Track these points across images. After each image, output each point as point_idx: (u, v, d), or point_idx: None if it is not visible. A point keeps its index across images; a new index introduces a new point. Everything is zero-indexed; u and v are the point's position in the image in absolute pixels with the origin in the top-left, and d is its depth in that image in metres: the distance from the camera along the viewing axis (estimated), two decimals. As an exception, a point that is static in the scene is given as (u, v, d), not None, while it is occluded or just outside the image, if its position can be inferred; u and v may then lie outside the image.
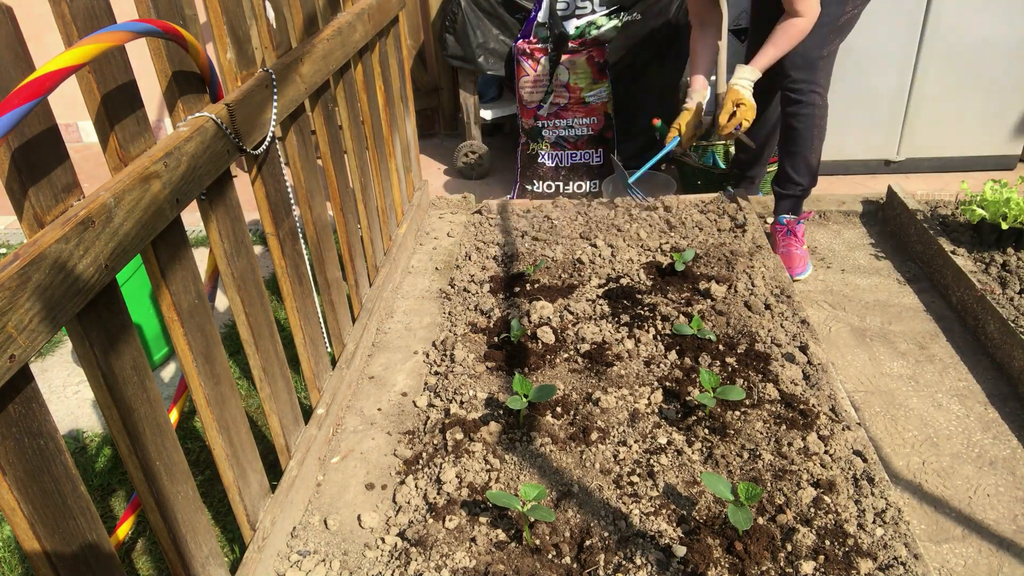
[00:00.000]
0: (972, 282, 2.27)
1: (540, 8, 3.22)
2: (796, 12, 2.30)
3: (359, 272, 2.31)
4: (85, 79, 1.09)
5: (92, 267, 1.01)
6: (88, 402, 2.28)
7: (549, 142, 3.32)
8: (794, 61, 2.43)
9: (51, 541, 0.98)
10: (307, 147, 1.86)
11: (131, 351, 1.15)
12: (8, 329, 0.86)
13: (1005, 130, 3.25)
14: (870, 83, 3.15)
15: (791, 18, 2.32)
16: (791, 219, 2.67)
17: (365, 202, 2.34)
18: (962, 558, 1.60)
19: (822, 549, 1.48)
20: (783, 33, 2.34)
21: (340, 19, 2.06)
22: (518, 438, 1.82)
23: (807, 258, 2.66)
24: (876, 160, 3.39)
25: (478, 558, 1.52)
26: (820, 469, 1.66)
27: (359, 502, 1.75)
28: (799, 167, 2.61)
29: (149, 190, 1.14)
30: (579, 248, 2.62)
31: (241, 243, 1.52)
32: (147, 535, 1.79)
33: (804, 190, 2.67)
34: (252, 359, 1.60)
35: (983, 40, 3.04)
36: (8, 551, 1.76)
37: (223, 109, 1.38)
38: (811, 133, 2.53)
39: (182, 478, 1.30)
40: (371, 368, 2.22)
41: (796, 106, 2.51)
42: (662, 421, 1.83)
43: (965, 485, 1.77)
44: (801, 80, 2.46)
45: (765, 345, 2.06)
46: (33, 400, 0.95)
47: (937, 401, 2.03)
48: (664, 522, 1.56)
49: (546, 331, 2.14)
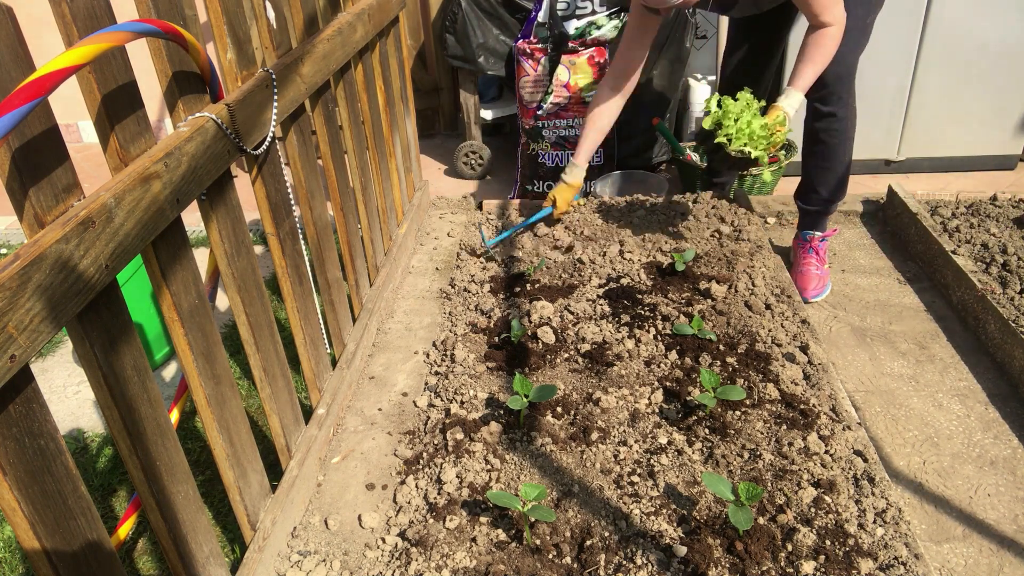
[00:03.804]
0: (973, 282, 2.27)
1: (540, 8, 3.22)
2: (825, 23, 2.11)
3: (359, 272, 2.31)
4: (85, 79, 1.09)
5: (93, 267, 1.01)
6: (89, 402, 2.28)
7: (549, 142, 3.32)
8: (835, 71, 2.24)
9: (52, 541, 0.98)
10: (307, 147, 1.86)
11: (131, 351, 1.15)
12: (9, 329, 0.86)
13: (1005, 130, 3.25)
14: (870, 83, 3.15)
15: (820, 30, 2.12)
16: (814, 236, 2.54)
17: (365, 202, 2.34)
18: (963, 558, 1.60)
19: (823, 549, 1.48)
20: (817, 47, 2.13)
21: (340, 19, 2.06)
22: (518, 438, 1.82)
23: (826, 279, 2.51)
24: (876, 160, 3.39)
25: (479, 558, 1.52)
26: (820, 469, 1.66)
27: (359, 502, 1.75)
28: (829, 182, 2.46)
29: (149, 190, 1.14)
30: (579, 248, 2.62)
31: (241, 243, 1.52)
32: (148, 535, 1.79)
33: (832, 205, 2.52)
34: (252, 359, 1.60)
35: (983, 40, 3.04)
36: (9, 551, 1.76)
37: (223, 109, 1.38)
38: (844, 146, 2.39)
39: (183, 478, 1.30)
40: (372, 368, 2.22)
41: (828, 120, 2.34)
42: (662, 421, 1.83)
43: (966, 485, 1.77)
44: (838, 91, 2.29)
45: (765, 345, 2.06)
46: (34, 400, 0.95)
47: (938, 401, 2.03)
48: (665, 522, 1.56)
49: (546, 331, 2.14)
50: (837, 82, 2.28)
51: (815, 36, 2.14)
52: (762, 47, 2.61)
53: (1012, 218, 2.72)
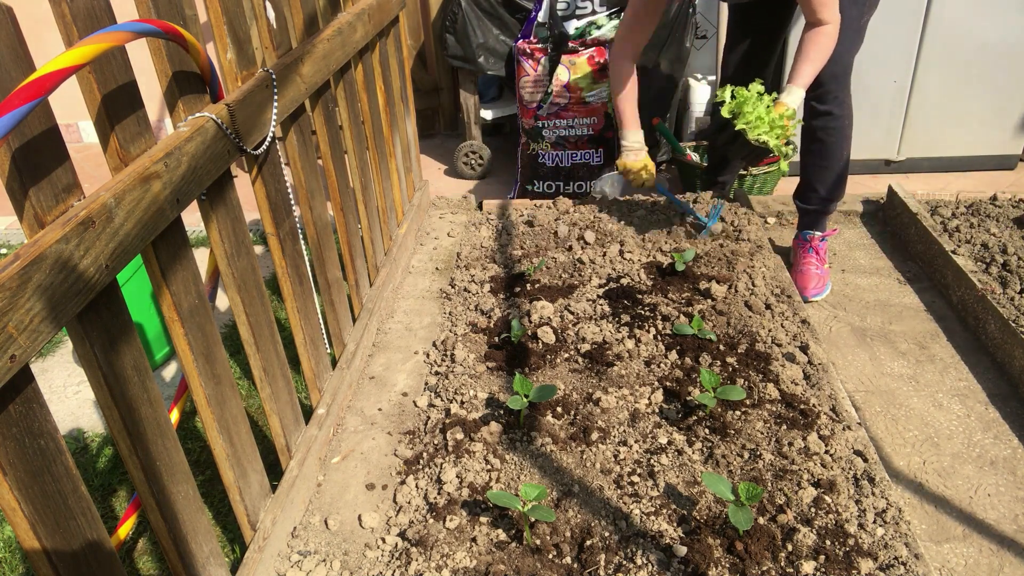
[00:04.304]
0: (973, 282, 2.27)
1: (540, 8, 3.22)
2: (823, 20, 2.14)
3: (359, 272, 2.31)
4: (85, 79, 1.09)
5: (93, 267, 1.01)
6: (89, 402, 2.28)
7: (550, 142, 3.32)
8: (831, 70, 2.26)
9: (52, 541, 0.98)
10: (307, 147, 1.86)
11: (132, 351, 1.15)
12: (9, 329, 0.86)
13: (1005, 130, 3.25)
14: (870, 83, 3.15)
15: (817, 28, 2.15)
16: (814, 235, 2.55)
17: (365, 202, 2.34)
18: (963, 558, 1.60)
19: (823, 549, 1.48)
20: (815, 45, 2.16)
21: (340, 19, 2.06)
22: (518, 438, 1.82)
23: (826, 279, 2.52)
24: (876, 160, 3.39)
25: (479, 558, 1.52)
26: (821, 469, 1.66)
27: (360, 502, 1.75)
28: (827, 180, 2.48)
29: (149, 190, 1.14)
30: (579, 248, 2.62)
31: (241, 243, 1.52)
32: (148, 535, 1.79)
33: (831, 205, 2.54)
34: (252, 359, 1.60)
35: (983, 40, 3.04)
36: (9, 551, 1.76)
37: (223, 109, 1.38)
38: (842, 145, 2.42)
39: (183, 478, 1.30)
40: (372, 368, 2.22)
41: (825, 118, 2.37)
42: (662, 421, 1.83)
43: (966, 485, 1.77)
44: (834, 89, 2.32)
45: (765, 345, 2.06)
46: (34, 400, 0.95)
47: (938, 401, 2.03)
48: (665, 522, 1.56)
49: (546, 331, 2.14)
50: (833, 81, 2.31)
51: (812, 34, 2.17)
52: (761, 45, 2.62)
53: (1012, 218, 2.72)
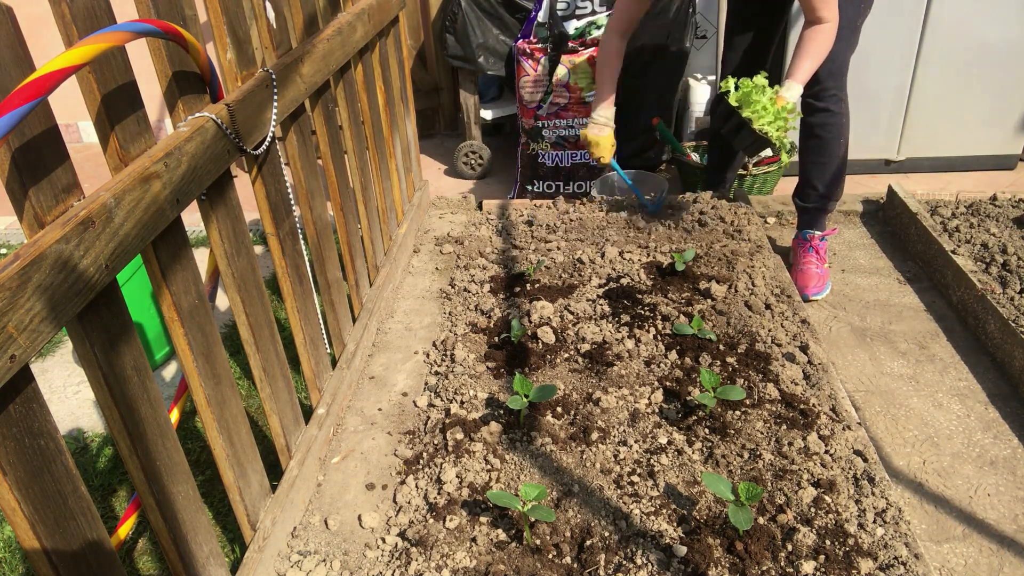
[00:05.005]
0: (972, 282, 2.27)
1: (540, 8, 3.22)
2: (822, 18, 2.16)
3: (359, 272, 2.31)
4: (85, 79, 1.09)
5: (92, 267, 1.01)
6: (88, 402, 2.28)
7: (549, 142, 3.32)
8: (828, 68, 2.30)
9: (52, 541, 0.98)
10: (307, 147, 1.86)
11: (131, 351, 1.15)
12: (8, 329, 0.86)
13: (1005, 129, 3.25)
14: (870, 83, 3.15)
15: (816, 25, 2.18)
16: (814, 235, 2.56)
17: (365, 202, 2.34)
18: (963, 558, 1.60)
19: (823, 549, 1.48)
20: (814, 42, 2.18)
21: (340, 19, 2.06)
22: (518, 438, 1.82)
23: (826, 278, 2.53)
24: (876, 160, 3.39)
25: (479, 558, 1.52)
26: (820, 469, 1.66)
27: (359, 502, 1.75)
28: (825, 178, 2.50)
29: (149, 190, 1.14)
30: (579, 248, 2.62)
31: (241, 243, 1.52)
32: (148, 535, 1.79)
33: (829, 203, 2.56)
34: (252, 359, 1.60)
35: (983, 40, 3.04)
36: (9, 551, 1.76)
37: (223, 109, 1.38)
38: (839, 142, 2.44)
39: (183, 478, 1.30)
40: (371, 368, 2.22)
41: (823, 115, 2.40)
42: (662, 421, 1.83)
43: (966, 485, 1.77)
44: (831, 87, 2.35)
45: (765, 345, 2.06)
46: (34, 400, 0.95)
47: (937, 401, 2.03)
48: (664, 522, 1.56)
49: (546, 331, 2.14)
50: (830, 78, 2.35)
51: (811, 31, 2.20)
52: (760, 42, 2.63)
53: (1012, 218, 2.72)
